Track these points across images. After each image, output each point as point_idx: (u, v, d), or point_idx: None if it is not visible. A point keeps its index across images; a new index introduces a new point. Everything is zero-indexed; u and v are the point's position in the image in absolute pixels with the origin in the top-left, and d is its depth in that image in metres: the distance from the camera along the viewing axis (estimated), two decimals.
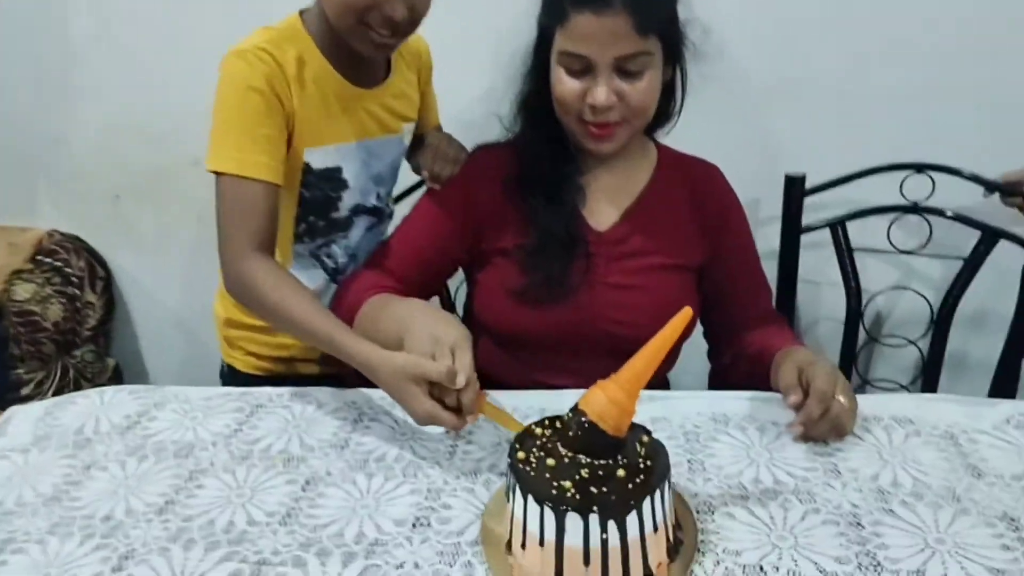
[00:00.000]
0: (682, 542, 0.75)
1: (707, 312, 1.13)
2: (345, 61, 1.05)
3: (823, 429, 0.86)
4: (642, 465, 0.73)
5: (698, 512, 0.79)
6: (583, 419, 0.74)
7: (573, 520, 0.69)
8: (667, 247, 1.09)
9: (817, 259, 1.45)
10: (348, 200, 1.13)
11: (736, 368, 1.10)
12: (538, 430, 0.78)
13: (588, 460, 0.73)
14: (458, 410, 0.84)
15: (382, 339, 0.94)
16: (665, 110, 1.09)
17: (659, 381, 1.15)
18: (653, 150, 1.14)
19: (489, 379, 1.01)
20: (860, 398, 0.91)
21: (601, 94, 0.97)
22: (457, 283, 1.36)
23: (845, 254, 1.36)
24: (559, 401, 0.98)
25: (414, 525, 0.80)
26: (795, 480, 0.83)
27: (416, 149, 1.19)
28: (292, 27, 1.04)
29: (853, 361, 1.44)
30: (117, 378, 1.80)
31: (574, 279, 1.06)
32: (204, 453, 0.92)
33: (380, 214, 1.20)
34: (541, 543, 0.71)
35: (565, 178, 1.07)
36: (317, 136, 1.05)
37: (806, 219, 1.37)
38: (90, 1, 1.60)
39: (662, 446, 0.76)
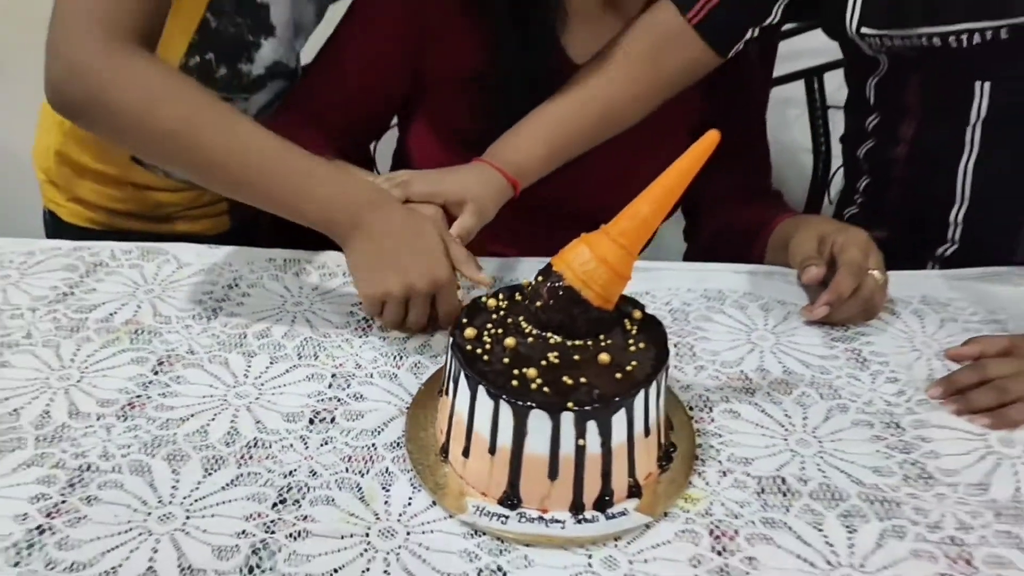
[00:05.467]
0: (675, 448, 0.56)
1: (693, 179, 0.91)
2: None
3: (853, 310, 0.68)
4: (633, 348, 0.53)
5: (692, 409, 0.60)
6: (558, 283, 0.52)
7: (538, 420, 0.48)
8: None
9: (783, 118, 1.24)
10: (267, 53, 0.82)
11: (720, 247, 0.89)
12: (492, 302, 0.56)
13: (561, 340, 0.53)
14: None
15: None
16: None
17: None
18: None
19: None
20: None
21: None
22: None
23: (819, 111, 1.16)
24: (514, 270, 0.76)
25: (312, 421, 0.58)
26: (811, 371, 0.64)
27: None
28: None
29: None
30: None
31: None
32: (16, 321, 0.67)
33: (294, 77, 0.89)
34: (492, 450, 0.50)
35: None
36: None
37: (778, 69, 1.13)
38: None
39: (659, 324, 0.56)
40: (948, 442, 0.57)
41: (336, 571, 0.47)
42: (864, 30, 0.75)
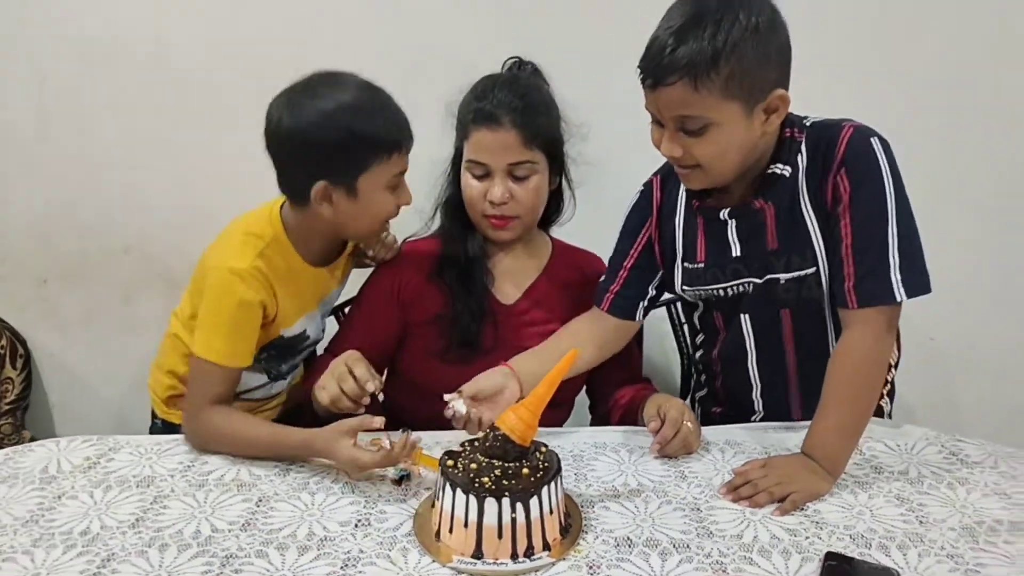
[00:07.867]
0: (571, 525, 0.97)
1: (590, 373, 1.39)
2: (315, 251, 1.26)
3: (675, 447, 1.13)
4: (541, 466, 0.96)
5: (583, 506, 1.02)
6: (497, 432, 0.96)
7: (490, 504, 0.90)
8: (560, 318, 1.35)
9: (659, 332, 1.75)
10: (307, 346, 1.36)
11: (612, 415, 1.36)
12: (462, 448, 1.00)
13: (501, 463, 0.95)
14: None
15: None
16: (555, 210, 1.40)
17: (557, 424, 1.39)
18: (548, 242, 1.44)
19: (414, 424, 1.21)
20: (704, 428, 1.18)
21: (496, 192, 1.26)
22: None
23: (678, 326, 1.67)
24: (478, 434, 1.19)
25: (356, 525, 0.98)
26: (654, 483, 1.07)
27: None
28: (275, 231, 1.22)
29: None
30: None
31: (486, 343, 1.31)
32: (164, 483, 1.07)
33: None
34: (465, 525, 0.91)
35: (476, 262, 1.34)
36: (291, 319, 1.27)
37: None
38: (28, 91, 1.72)
39: (555, 454, 0.99)
40: (724, 515, 1.00)
41: None
42: (684, 288, 1.27)
